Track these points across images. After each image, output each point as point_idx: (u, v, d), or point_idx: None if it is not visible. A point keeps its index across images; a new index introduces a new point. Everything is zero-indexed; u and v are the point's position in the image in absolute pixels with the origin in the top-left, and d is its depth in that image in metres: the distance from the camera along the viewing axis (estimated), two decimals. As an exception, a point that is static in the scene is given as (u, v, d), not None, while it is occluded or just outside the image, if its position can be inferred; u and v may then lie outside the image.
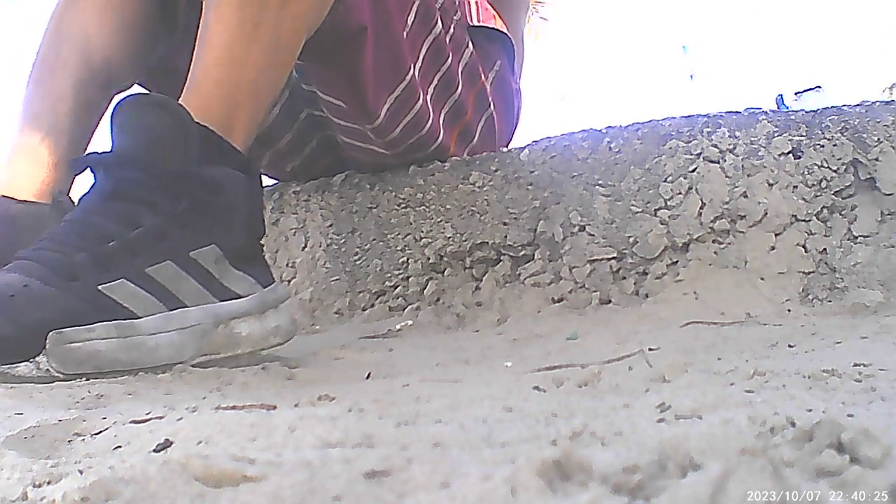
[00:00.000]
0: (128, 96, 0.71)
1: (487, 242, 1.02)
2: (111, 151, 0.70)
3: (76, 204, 0.72)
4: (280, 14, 0.75)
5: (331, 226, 1.15)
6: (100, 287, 0.64)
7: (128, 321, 0.64)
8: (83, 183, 0.81)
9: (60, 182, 0.91)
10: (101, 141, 0.93)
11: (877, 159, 0.90)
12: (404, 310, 1.07)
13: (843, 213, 0.91)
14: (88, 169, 0.71)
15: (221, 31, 0.73)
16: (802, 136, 0.92)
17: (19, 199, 0.88)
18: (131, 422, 0.43)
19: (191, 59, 0.74)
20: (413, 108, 1.03)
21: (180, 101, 0.71)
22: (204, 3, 0.76)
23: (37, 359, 0.61)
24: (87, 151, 0.94)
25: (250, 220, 0.73)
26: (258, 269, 0.74)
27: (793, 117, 0.93)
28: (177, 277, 0.67)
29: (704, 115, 0.95)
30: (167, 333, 0.66)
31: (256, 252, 0.75)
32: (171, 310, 0.66)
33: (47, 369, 0.61)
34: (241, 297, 0.71)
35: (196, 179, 0.68)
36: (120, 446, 0.39)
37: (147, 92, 1.06)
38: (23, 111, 0.93)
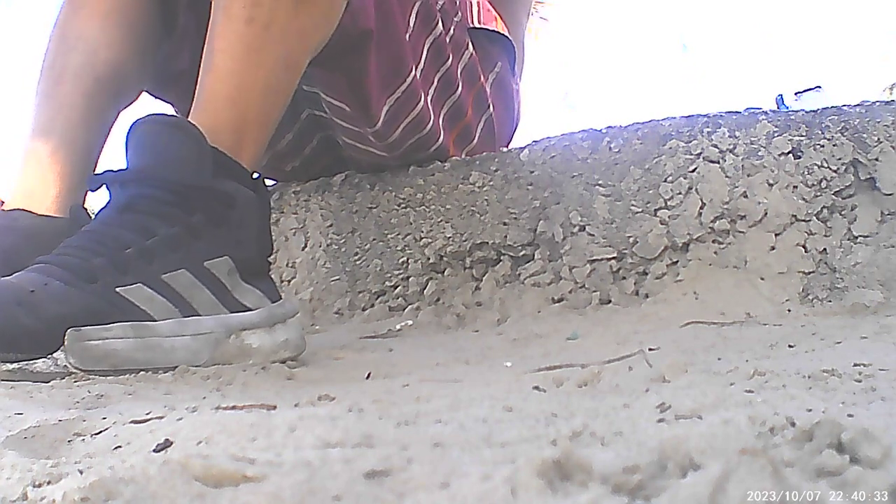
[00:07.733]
0: (143, 116, 0.72)
1: (487, 242, 1.02)
2: (127, 169, 0.71)
3: (93, 217, 0.72)
4: (286, 32, 0.74)
5: (331, 226, 1.15)
6: (118, 289, 0.65)
7: (144, 323, 0.66)
8: (96, 196, 0.81)
9: (75, 194, 0.90)
10: (112, 151, 0.92)
11: (877, 159, 0.90)
12: (404, 310, 1.07)
13: (843, 213, 0.91)
14: (104, 186, 0.72)
15: (227, 56, 0.73)
16: (802, 136, 0.92)
17: (37, 212, 0.86)
18: (131, 422, 0.43)
19: (189, 62, 0.74)
20: (413, 109, 1.03)
21: (190, 121, 0.72)
22: (211, 19, 0.75)
23: (54, 355, 0.62)
24: (98, 163, 0.93)
25: (260, 236, 0.74)
26: (266, 284, 0.75)
27: (793, 117, 0.93)
28: (191, 286, 0.68)
29: (704, 115, 0.95)
30: (182, 338, 0.67)
31: (265, 268, 0.76)
32: (186, 316, 0.68)
33: (65, 365, 0.62)
34: (250, 309, 0.71)
35: (210, 192, 0.70)
36: (120, 446, 0.39)
37: (153, 97, 1.06)
38: (33, 121, 0.91)
